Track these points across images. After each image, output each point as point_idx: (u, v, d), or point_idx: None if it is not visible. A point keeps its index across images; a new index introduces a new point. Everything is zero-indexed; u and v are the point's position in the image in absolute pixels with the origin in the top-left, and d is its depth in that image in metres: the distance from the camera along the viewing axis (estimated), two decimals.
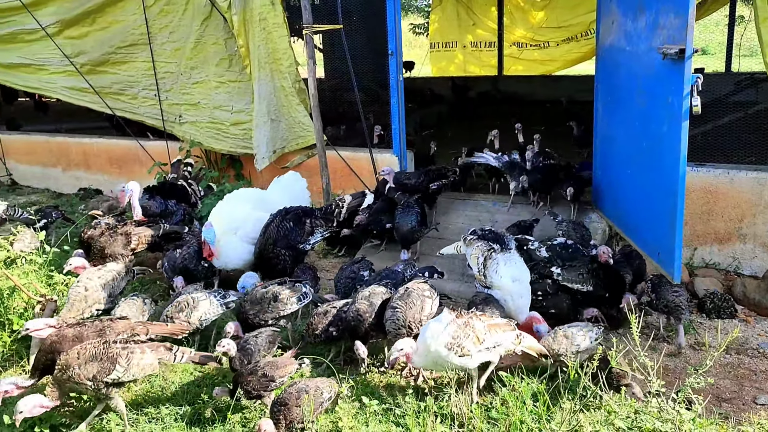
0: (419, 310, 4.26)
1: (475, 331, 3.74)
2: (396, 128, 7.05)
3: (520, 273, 4.59)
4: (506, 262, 4.58)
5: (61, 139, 9.83)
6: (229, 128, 7.95)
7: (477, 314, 3.91)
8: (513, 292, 4.47)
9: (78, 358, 3.69)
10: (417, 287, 4.43)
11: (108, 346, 3.79)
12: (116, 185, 8.96)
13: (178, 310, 4.59)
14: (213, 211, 5.92)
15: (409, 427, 3.54)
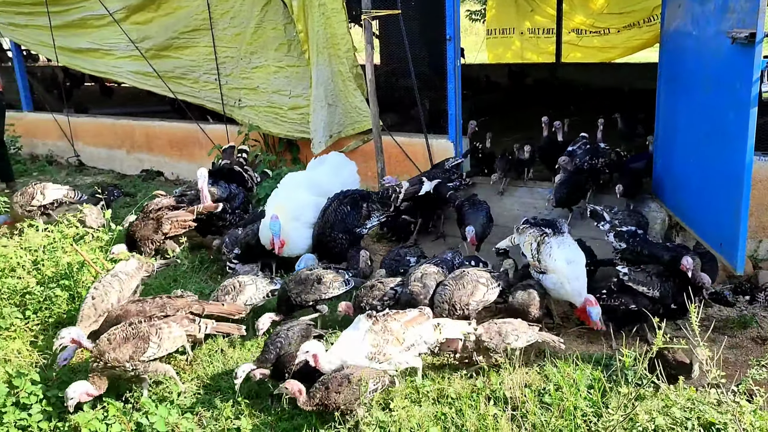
0: (469, 293, 4.30)
1: (393, 334, 3.69)
2: (452, 114, 7.04)
3: (575, 255, 4.54)
4: (560, 244, 4.54)
5: (125, 122, 10.15)
6: (287, 112, 8.06)
7: (391, 314, 3.83)
8: (568, 275, 4.41)
9: (110, 344, 3.79)
10: (474, 272, 4.45)
11: (136, 326, 3.89)
12: (176, 167, 9.26)
13: (225, 293, 4.69)
14: (271, 200, 5.99)
15: (461, 409, 3.57)
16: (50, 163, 10.70)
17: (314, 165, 6.67)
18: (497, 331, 3.99)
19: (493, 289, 4.45)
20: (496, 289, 4.47)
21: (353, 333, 3.75)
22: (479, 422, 3.40)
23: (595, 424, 3.08)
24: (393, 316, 3.83)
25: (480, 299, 4.33)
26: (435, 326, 3.88)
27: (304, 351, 3.64)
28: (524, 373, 4.04)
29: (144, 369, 3.86)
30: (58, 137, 10.70)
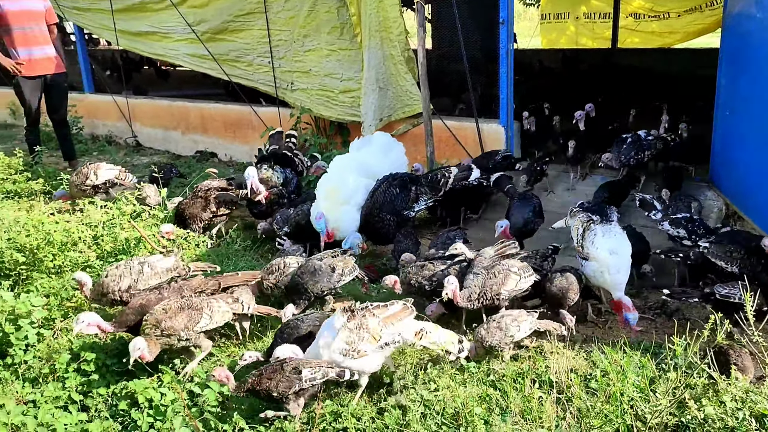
0: (500, 282, 4.21)
1: (369, 331, 3.56)
2: (504, 98, 6.99)
3: (619, 246, 4.44)
4: (605, 233, 4.46)
5: (181, 104, 10.39)
6: (338, 96, 8.13)
7: (370, 309, 3.66)
8: (610, 265, 4.34)
9: (166, 313, 3.91)
10: (506, 262, 4.37)
11: (189, 299, 4.03)
12: (230, 149, 9.44)
13: (269, 273, 4.73)
14: (321, 183, 6.03)
15: (506, 391, 3.58)
16: (109, 143, 11.04)
17: (359, 145, 6.61)
18: (497, 327, 3.93)
19: (526, 279, 4.36)
20: (530, 279, 4.37)
21: (329, 330, 3.62)
22: (524, 404, 3.41)
23: (641, 409, 3.05)
24: (372, 311, 3.66)
25: (512, 288, 4.26)
26: (418, 332, 3.71)
27: (275, 357, 3.61)
28: (571, 358, 4.02)
29: (195, 339, 3.99)
30: (118, 118, 11.03)
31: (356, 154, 6.49)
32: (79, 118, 10.83)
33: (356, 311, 3.61)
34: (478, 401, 3.44)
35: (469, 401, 3.35)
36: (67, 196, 7.16)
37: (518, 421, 3.22)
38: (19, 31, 8.27)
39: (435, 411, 3.42)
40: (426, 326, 3.78)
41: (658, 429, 2.91)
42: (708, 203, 5.96)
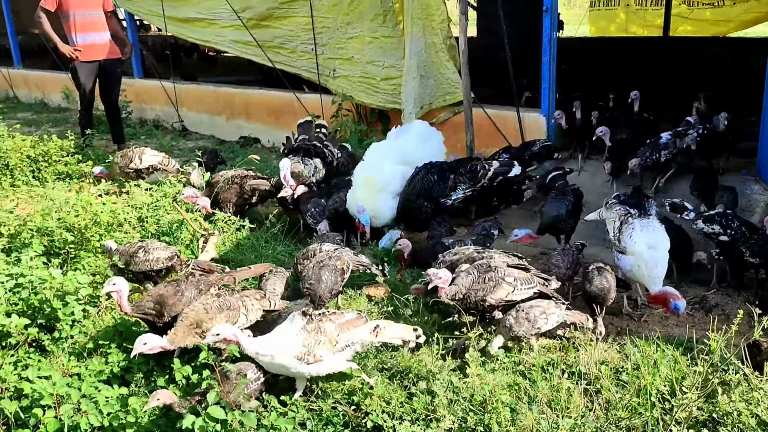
0: (488, 289, 4.06)
1: (327, 335, 3.52)
2: (546, 88, 6.93)
3: (657, 240, 4.37)
4: (643, 227, 4.39)
5: (226, 90, 10.57)
6: (379, 83, 8.16)
7: (327, 314, 3.65)
8: (647, 260, 4.27)
9: (207, 313, 3.90)
10: (505, 269, 4.19)
11: (225, 298, 4.03)
12: (273, 135, 9.58)
13: (305, 258, 4.77)
14: (358, 171, 6.09)
15: (535, 380, 3.59)
16: (156, 128, 11.32)
17: (397, 133, 6.64)
18: (526, 318, 3.90)
19: (522, 291, 4.13)
20: (526, 291, 4.14)
21: (288, 327, 3.59)
22: (552, 394, 3.42)
23: (670, 403, 3.03)
24: (329, 316, 3.64)
25: (500, 298, 4.07)
26: (373, 329, 3.69)
27: (213, 333, 3.51)
28: (602, 350, 4.01)
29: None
30: (165, 103, 11.29)
31: (393, 142, 6.52)
32: (128, 102, 11.10)
33: (314, 315, 3.59)
34: (506, 389, 3.46)
35: (497, 389, 3.37)
36: (105, 174, 7.37)
37: (545, 411, 3.23)
38: (78, 18, 8.58)
39: (463, 397, 3.45)
40: (380, 323, 3.75)
41: (685, 422, 2.89)
42: (754, 197, 5.82)
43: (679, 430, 2.85)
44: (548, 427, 2.91)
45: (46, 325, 4.46)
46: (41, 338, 4.26)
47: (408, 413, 3.39)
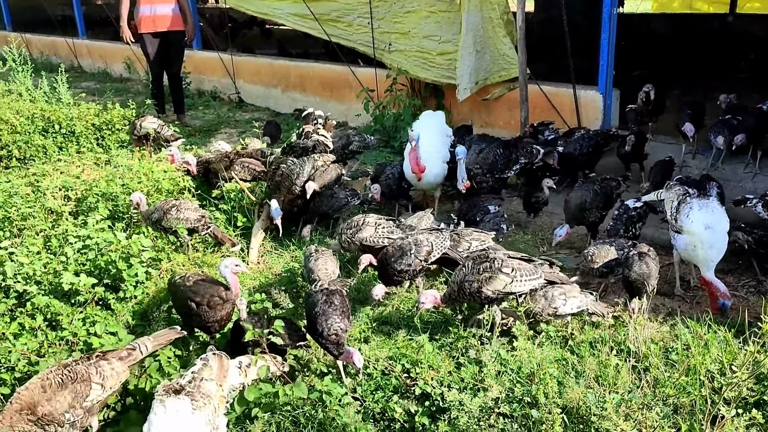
0: (485, 280, 3.93)
1: (215, 398, 3.04)
2: (604, 65, 6.81)
3: (716, 221, 4.27)
4: (701, 207, 4.31)
5: (282, 62, 10.71)
6: (435, 58, 8.14)
7: (197, 379, 3.06)
8: (703, 240, 4.20)
9: (45, 392, 3.08)
10: (504, 259, 4.03)
11: (71, 368, 3.22)
12: (327, 107, 9.67)
13: (348, 227, 4.90)
14: (418, 125, 6.28)
15: (583, 356, 3.63)
16: (214, 99, 11.57)
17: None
18: (543, 296, 3.92)
19: (523, 282, 3.96)
20: (528, 283, 3.98)
21: (170, 418, 2.85)
22: (600, 369, 3.45)
23: (719, 382, 3.03)
24: (203, 377, 3.08)
25: (497, 289, 3.91)
26: (239, 367, 3.37)
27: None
28: (653, 329, 4.01)
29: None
30: (222, 75, 11.51)
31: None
32: (187, 73, 11.35)
33: (183, 387, 2.97)
34: (553, 363, 3.51)
35: (544, 362, 3.42)
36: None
37: (592, 385, 3.27)
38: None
39: (510, 369, 3.52)
40: (243, 360, 3.44)
41: (734, 402, 2.89)
42: None
43: (727, 410, 2.84)
44: (595, 401, 2.95)
45: (112, 285, 4.70)
46: (107, 297, 4.50)
47: (456, 382, 3.48)
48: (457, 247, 4.59)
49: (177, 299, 4.08)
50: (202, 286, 3.95)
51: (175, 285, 4.10)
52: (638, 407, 2.94)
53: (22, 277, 4.53)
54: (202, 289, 3.92)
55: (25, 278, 4.54)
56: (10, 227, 5.49)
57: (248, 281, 5.04)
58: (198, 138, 9.20)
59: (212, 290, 3.92)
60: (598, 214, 5.21)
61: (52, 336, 4.08)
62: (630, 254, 4.34)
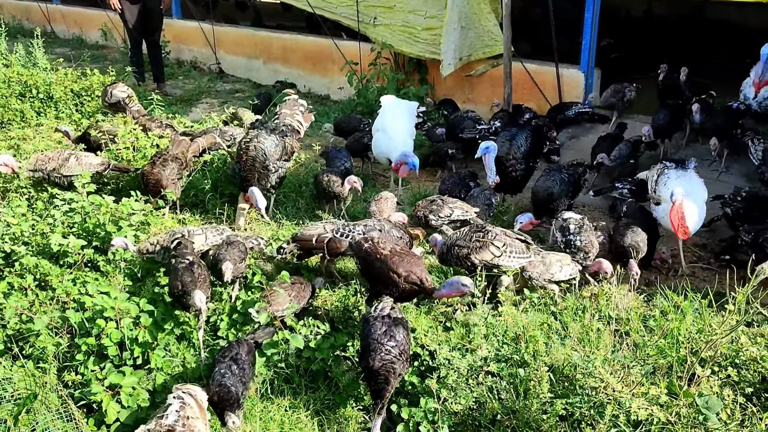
0: (475, 249, 4.08)
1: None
2: (586, 43, 6.94)
3: (692, 188, 4.49)
4: (678, 176, 4.55)
5: (264, 33, 10.64)
6: (420, 33, 8.18)
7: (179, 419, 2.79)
8: None
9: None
10: (497, 232, 4.16)
11: None
12: (309, 81, 9.69)
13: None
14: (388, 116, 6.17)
15: (565, 322, 3.77)
16: (194, 69, 11.46)
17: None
18: (541, 261, 4.09)
19: (511, 258, 4.09)
20: (515, 260, 4.10)
21: None
22: (583, 333, 3.60)
23: (696, 343, 3.19)
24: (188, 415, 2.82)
25: (484, 259, 4.05)
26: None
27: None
28: (632, 299, 4.18)
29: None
30: (203, 44, 11.39)
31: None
32: (166, 42, 11.22)
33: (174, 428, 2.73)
34: (538, 327, 3.65)
35: (529, 326, 3.55)
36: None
37: (576, 347, 3.41)
38: None
39: (497, 332, 3.65)
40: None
41: (711, 362, 3.06)
42: None
43: (702, 370, 3.01)
44: (581, 360, 3.09)
45: (101, 248, 4.71)
46: (96, 259, 4.51)
47: (445, 342, 3.60)
48: (439, 213, 4.72)
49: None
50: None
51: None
52: (620, 367, 3.09)
53: (9, 238, 4.53)
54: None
55: (13, 239, 4.54)
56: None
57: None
58: (179, 107, 9.14)
59: None
60: (567, 203, 5.13)
61: (43, 295, 4.11)
62: (621, 224, 4.54)
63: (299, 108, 6.51)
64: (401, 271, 3.68)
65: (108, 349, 3.55)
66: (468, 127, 6.34)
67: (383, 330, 3.28)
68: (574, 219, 4.43)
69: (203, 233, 4.51)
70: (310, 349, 3.63)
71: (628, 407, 2.74)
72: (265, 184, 5.31)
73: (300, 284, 4.09)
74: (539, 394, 3.02)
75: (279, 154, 5.41)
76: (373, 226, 4.36)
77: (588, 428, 2.85)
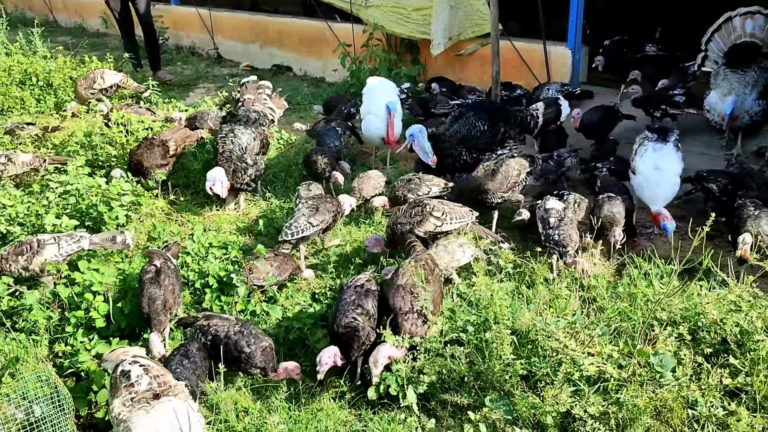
0: (416, 223, 4.28)
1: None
2: (573, 20, 6.99)
3: (665, 163, 4.59)
4: (656, 150, 4.64)
5: (260, 17, 10.72)
6: (411, 13, 8.24)
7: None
8: (650, 179, 4.54)
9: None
10: (430, 206, 4.33)
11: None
12: (304, 63, 9.78)
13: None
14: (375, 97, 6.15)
15: (537, 289, 3.89)
16: (192, 54, 11.57)
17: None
18: (444, 250, 4.08)
19: (455, 222, 4.34)
20: (456, 223, 4.35)
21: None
22: (552, 299, 3.72)
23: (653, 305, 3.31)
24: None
25: (428, 230, 4.27)
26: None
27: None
28: (604, 267, 4.30)
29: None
30: (201, 30, 11.50)
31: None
32: (165, 28, 11.30)
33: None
34: (509, 294, 3.78)
35: (501, 293, 3.67)
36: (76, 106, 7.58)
37: (542, 312, 3.54)
38: None
39: (469, 301, 3.79)
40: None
41: (665, 323, 3.19)
42: None
43: (660, 331, 3.14)
44: (543, 324, 3.22)
45: (94, 228, 4.88)
46: None
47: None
48: (418, 191, 4.84)
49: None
50: None
51: None
52: (582, 328, 3.22)
53: (5, 219, 4.70)
54: None
55: (8, 220, 4.72)
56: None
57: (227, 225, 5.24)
58: (176, 92, 9.27)
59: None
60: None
61: None
62: (599, 197, 4.61)
63: (265, 91, 6.32)
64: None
65: (96, 321, 3.72)
66: (441, 102, 6.43)
67: (352, 298, 3.43)
68: (555, 210, 4.36)
69: (56, 242, 4.26)
70: (288, 319, 3.78)
71: (581, 365, 2.87)
72: (242, 177, 5.25)
73: (283, 257, 4.24)
74: (501, 356, 3.16)
75: (257, 149, 5.42)
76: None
77: (547, 386, 2.99)
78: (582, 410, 2.85)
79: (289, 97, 8.45)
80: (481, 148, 5.41)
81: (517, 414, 3.01)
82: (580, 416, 2.85)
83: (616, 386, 2.93)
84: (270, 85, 6.54)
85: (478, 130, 5.44)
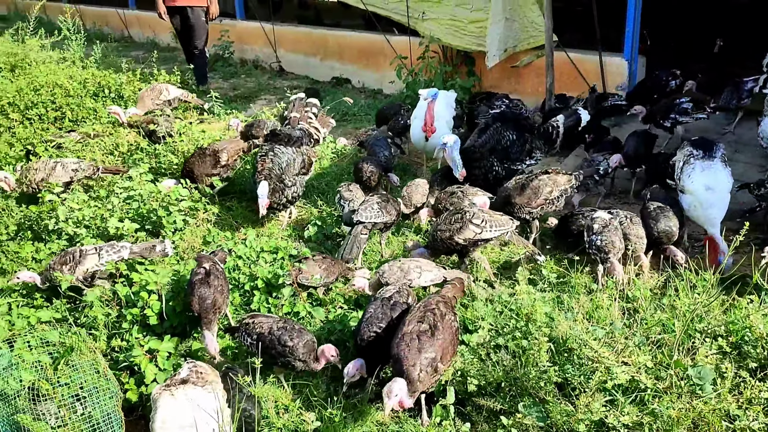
0: (456, 230, 4.28)
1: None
2: (630, 30, 6.91)
3: (717, 182, 4.44)
4: (704, 169, 4.49)
5: (321, 31, 10.99)
6: (467, 26, 8.30)
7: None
8: (703, 200, 4.39)
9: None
10: (470, 213, 4.33)
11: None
12: (363, 76, 9.96)
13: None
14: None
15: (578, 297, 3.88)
16: (256, 67, 11.94)
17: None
18: (399, 268, 4.00)
19: (494, 230, 4.30)
20: (500, 231, 4.32)
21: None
22: (592, 309, 3.71)
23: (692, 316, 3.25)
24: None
25: (467, 237, 4.25)
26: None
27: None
28: (651, 279, 4.24)
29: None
30: (264, 44, 11.86)
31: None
32: (231, 42, 11.75)
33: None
34: (549, 302, 3.79)
35: (539, 302, 3.68)
36: (138, 112, 7.76)
37: (581, 321, 3.53)
38: None
39: (510, 309, 3.81)
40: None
41: (704, 335, 3.14)
42: None
43: (700, 338, 3.10)
44: (580, 332, 3.22)
45: (153, 231, 5.14)
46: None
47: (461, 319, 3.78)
48: (460, 204, 4.86)
49: None
50: None
51: None
52: (619, 337, 3.20)
53: (72, 222, 5.00)
54: None
55: (76, 222, 5.02)
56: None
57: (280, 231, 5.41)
58: (238, 103, 9.60)
59: None
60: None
61: None
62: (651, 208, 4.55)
63: (312, 110, 6.53)
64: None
65: (149, 319, 3.93)
66: (482, 113, 6.46)
67: (378, 312, 3.47)
68: (601, 219, 4.34)
69: (96, 252, 4.41)
70: (330, 322, 3.89)
71: (614, 373, 2.86)
72: (279, 198, 5.20)
73: (330, 260, 4.36)
74: (537, 363, 3.17)
75: (297, 169, 5.38)
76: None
77: (581, 394, 2.99)
78: (616, 419, 2.84)
79: (346, 108, 8.64)
80: (512, 158, 5.46)
81: (551, 421, 3.02)
82: (614, 425, 2.84)
83: (651, 396, 2.91)
84: (318, 103, 6.65)
85: (508, 139, 5.48)
